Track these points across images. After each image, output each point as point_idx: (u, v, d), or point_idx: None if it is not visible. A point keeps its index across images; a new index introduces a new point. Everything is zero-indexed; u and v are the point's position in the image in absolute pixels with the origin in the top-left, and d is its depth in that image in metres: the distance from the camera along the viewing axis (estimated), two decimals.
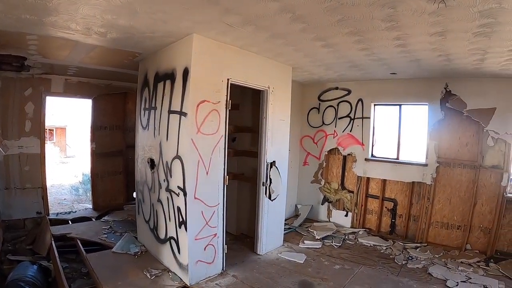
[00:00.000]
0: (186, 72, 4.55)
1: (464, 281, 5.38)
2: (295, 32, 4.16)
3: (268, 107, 5.79)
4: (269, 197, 5.98)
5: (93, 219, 7.50)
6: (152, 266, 5.20)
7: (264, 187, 5.89)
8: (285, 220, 7.74)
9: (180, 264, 4.87)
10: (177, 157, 4.73)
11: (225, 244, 5.25)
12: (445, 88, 6.67)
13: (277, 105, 5.97)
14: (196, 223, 4.74)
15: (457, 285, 5.23)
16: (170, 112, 4.90)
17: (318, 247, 6.56)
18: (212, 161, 4.85)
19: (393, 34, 4.07)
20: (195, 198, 4.65)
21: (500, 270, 5.84)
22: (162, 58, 5.22)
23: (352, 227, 7.89)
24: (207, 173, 4.78)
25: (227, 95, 4.98)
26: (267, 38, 4.50)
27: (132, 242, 5.98)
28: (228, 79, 4.97)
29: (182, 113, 4.62)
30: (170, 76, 4.92)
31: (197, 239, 4.77)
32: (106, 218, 7.55)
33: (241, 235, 6.91)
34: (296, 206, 8.58)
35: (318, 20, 3.71)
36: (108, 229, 6.74)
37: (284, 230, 6.98)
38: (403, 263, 5.99)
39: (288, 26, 3.94)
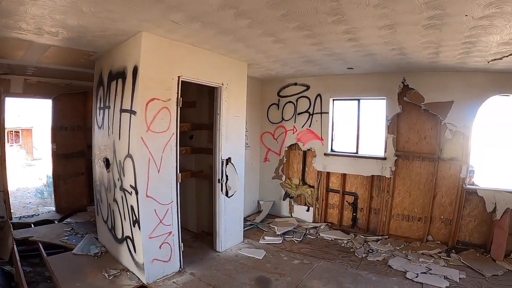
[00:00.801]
0: (135, 70, 4.55)
1: (424, 272, 5.49)
2: (242, 28, 4.18)
3: (222, 104, 5.81)
4: (226, 194, 6.01)
5: (56, 222, 7.40)
6: (111, 266, 5.19)
7: (220, 184, 5.91)
8: (248, 216, 7.88)
9: (136, 263, 4.87)
10: (129, 155, 4.72)
11: (181, 242, 5.26)
12: (402, 82, 6.80)
13: (231, 101, 6.00)
14: (149, 222, 4.74)
15: (416, 277, 5.33)
16: (122, 111, 4.88)
17: (278, 242, 6.62)
18: (164, 159, 4.85)
19: (341, 28, 4.11)
20: (147, 196, 4.65)
21: (462, 260, 5.98)
22: (115, 56, 5.20)
23: (314, 221, 7.98)
24: (158, 171, 4.79)
25: (178, 93, 4.97)
26: (215, 34, 4.52)
27: (93, 243, 5.95)
28: (179, 77, 4.97)
29: (132, 112, 4.61)
30: (121, 75, 4.90)
31: (151, 238, 4.77)
32: (68, 220, 7.47)
33: (202, 233, 6.93)
34: (258, 202, 8.66)
35: (263, 15, 3.74)
36: (69, 231, 6.68)
37: (246, 227, 7.09)
38: (363, 256, 6.10)
39: (233, 22, 3.96)
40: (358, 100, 7.50)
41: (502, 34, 3.93)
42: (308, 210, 8.12)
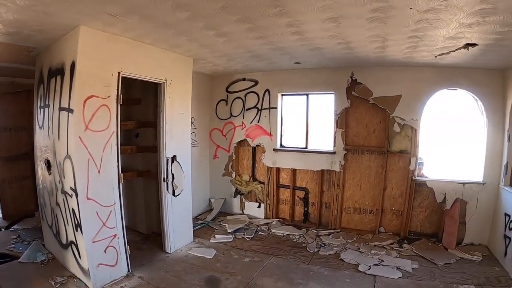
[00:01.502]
0: (73, 66, 4.27)
1: (376, 264, 5.51)
2: (182, 21, 4.00)
3: (166, 100, 5.57)
4: (173, 193, 5.80)
5: (2, 229, 6.96)
6: (58, 273, 4.90)
7: (166, 183, 5.68)
8: (199, 215, 7.73)
9: (82, 269, 4.60)
10: (68, 156, 4.42)
11: (128, 245, 5.01)
12: (351, 77, 6.80)
13: (176, 98, 5.77)
14: (92, 225, 4.47)
15: (369, 269, 5.33)
16: (60, 109, 4.57)
17: (229, 240, 6.47)
18: (104, 159, 4.58)
19: (284, 20, 3.98)
20: (87, 198, 4.39)
21: (414, 250, 6.06)
22: (54, 52, 4.88)
23: (265, 218, 7.89)
24: (99, 172, 4.51)
25: (118, 89, 4.69)
26: (155, 28, 4.31)
27: (39, 250, 5.62)
28: (119, 72, 4.70)
29: (69, 110, 4.33)
30: (60, 71, 4.60)
31: (95, 242, 4.51)
32: (15, 227, 7.04)
33: (151, 234, 6.64)
34: (209, 200, 8.48)
35: (201, 7, 3.58)
36: (16, 238, 6.31)
37: (196, 226, 6.94)
38: (315, 250, 6.05)
39: (172, 14, 3.78)
40: (307, 95, 7.44)
41: (448, 28, 3.91)
42: (259, 207, 8.03)
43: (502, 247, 5.67)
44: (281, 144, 7.78)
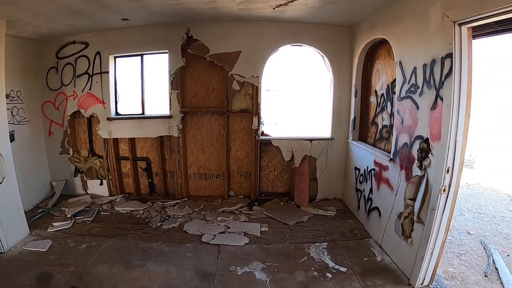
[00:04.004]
0: None
1: (222, 232, 5.68)
2: None
3: None
4: None
5: None
6: None
7: None
8: (41, 202, 7.19)
9: None
10: None
11: None
12: (186, 34, 6.63)
13: None
14: None
15: (213, 239, 5.46)
16: None
17: (67, 227, 6.02)
18: None
19: None
20: None
21: (264, 212, 6.40)
22: None
23: (111, 195, 7.55)
24: None
25: None
26: None
27: None
28: None
29: None
30: None
31: None
32: None
33: None
34: (51, 183, 7.76)
35: None
36: None
37: (37, 215, 6.44)
38: (158, 225, 6.01)
39: None
40: (141, 55, 7.09)
41: None
42: (101, 184, 7.64)
43: (355, 200, 6.35)
44: (116, 112, 7.36)
